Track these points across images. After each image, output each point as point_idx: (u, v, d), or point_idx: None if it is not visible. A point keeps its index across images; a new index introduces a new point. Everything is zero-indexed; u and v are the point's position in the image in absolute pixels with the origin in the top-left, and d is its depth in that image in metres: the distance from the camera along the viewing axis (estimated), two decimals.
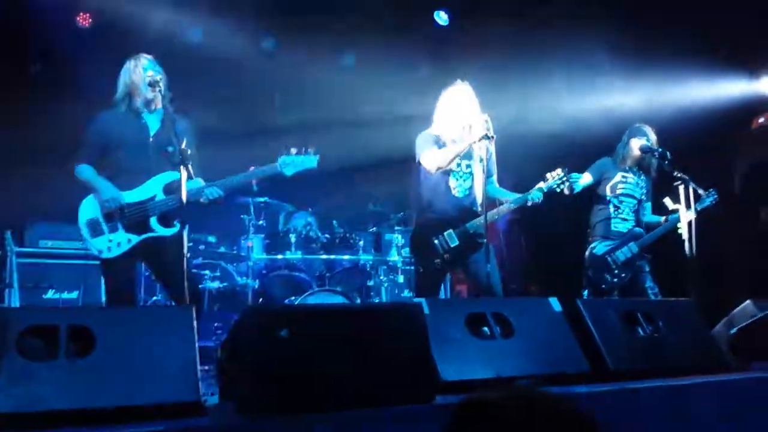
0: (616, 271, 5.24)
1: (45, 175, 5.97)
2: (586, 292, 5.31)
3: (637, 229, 5.34)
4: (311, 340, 2.49)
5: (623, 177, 5.41)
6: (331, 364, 2.50)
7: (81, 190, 4.19)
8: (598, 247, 5.33)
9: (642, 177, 5.46)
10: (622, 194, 5.39)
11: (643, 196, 5.44)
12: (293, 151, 4.21)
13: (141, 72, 4.11)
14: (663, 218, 5.43)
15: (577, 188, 5.15)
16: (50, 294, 5.70)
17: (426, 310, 2.90)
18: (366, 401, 2.48)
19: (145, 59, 4.17)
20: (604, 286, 5.24)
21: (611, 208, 5.38)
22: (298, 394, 2.42)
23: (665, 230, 5.30)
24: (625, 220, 5.37)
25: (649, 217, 5.48)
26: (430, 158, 4.57)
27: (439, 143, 4.62)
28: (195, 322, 2.68)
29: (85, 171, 4.11)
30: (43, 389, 2.31)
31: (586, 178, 5.33)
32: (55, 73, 7.14)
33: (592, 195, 5.47)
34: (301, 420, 2.36)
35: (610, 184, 5.39)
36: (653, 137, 5.42)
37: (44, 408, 2.28)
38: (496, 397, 1.16)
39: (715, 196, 5.30)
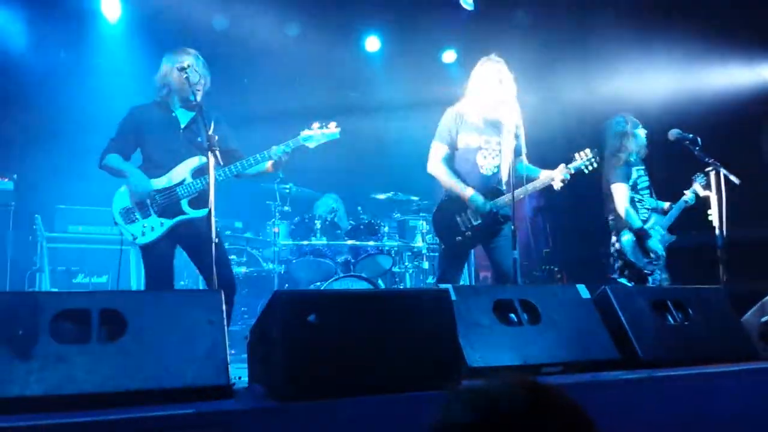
0: (653, 255, 5.34)
1: (74, 160, 6.05)
2: (622, 279, 5.34)
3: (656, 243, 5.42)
4: (340, 325, 2.49)
5: (637, 171, 5.51)
6: (359, 349, 2.50)
7: (110, 177, 4.26)
8: (632, 236, 5.37)
9: (644, 165, 5.56)
10: (641, 188, 5.50)
11: (650, 184, 5.56)
12: (315, 125, 4.27)
13: (183, 70, 4.05)
14: (666, 204, 5.57)
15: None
16: (80, 278, 5.79)
17: (453, 297, 2.90)
18: (392, 387, 2.48)
19: (189, 57, 4.14)
20: (646, 271, 5.33)
21: (636, 203, 5.46)
22: (326, 378, 2.43)
23: (679, 211, 5.47)
24: (648, 209, 5.48)
25: (652, 202, 5.56)
26: (431, 155, 4.67)
27: (462, 124, 4.61)
28: (224, 306, 2.70)
29: (113, 159, 4.19)
30: (75, 372, 2.34)
31: (621, 192, 5.38)
32: (82, 60, 7.20)
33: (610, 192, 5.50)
34: (328, 404, 2.37)
35: (631, 182, 5.45)
36: None
37: (76, 391, 2.30)
38: (481, 388, 1.13)
39: (705, 179, 5.29)
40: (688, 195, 5.51)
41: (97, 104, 6.33)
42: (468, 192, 4.52)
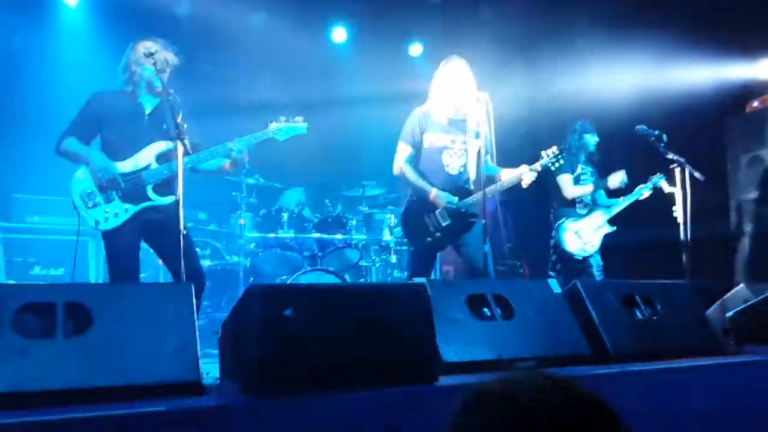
0: (585, 242, 5.80)
1: (31, 148, 5.86)
2: (552, 273, 5.80)
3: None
4: (316, 320, 2.44)
5: (583, 169, 5.99)
6: (335, 343, 2.45)
7: (69, 163, 4.11)
8: (567, 221, 5.84)
9: (592, 167, 6.05)
10: (583, 183, 5.97)
11: (596, 184, 6.01)
12: (282, 119, 4.29)
13: (147, 61, 3.97)
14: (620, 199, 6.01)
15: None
16: (37, 270, 5.61)
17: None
18: (369, 382, 2.44)
19: (154, 46, 4.02)
20: (578, 257, 5.77)
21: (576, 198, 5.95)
22: (302, 373, 2.37)
23: (626, 203, 5.85)
24: (587, 205, 5.96)
25: (604, 200, 6.04)
26: (397, 156, 4.68)
27: (428, 123, 4.60)
28: (194, 300, 2.63)
29: (72, 143, 4.03)
30: (40, 368, 2.25)
31: (566, 180, 5.91)
32: (40, 46, 6.98)
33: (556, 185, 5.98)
34: (304, 400, 2.32)
35: (574, 176, 5.95)
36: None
37: (41, 387, 2.21)
38: (508, 385, 1.08)
39: (662, 177, 5.63)
40: (645, 192, 5.78)
41: (56, 91, 6.14)
42: (433, 191, 4.51)
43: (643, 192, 5.77)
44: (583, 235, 5.77)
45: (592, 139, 6.00)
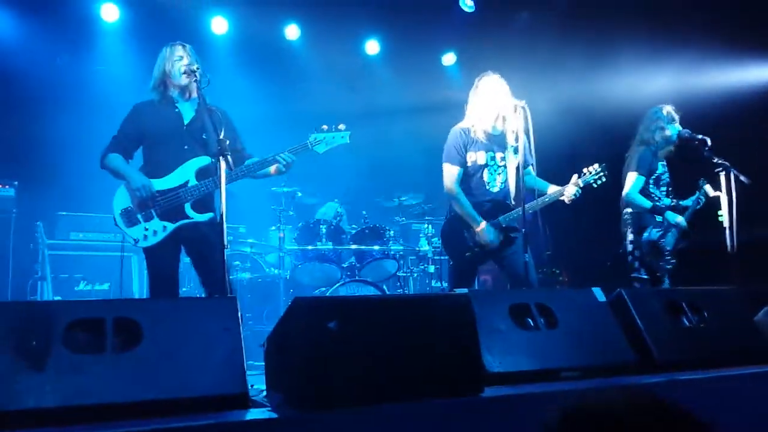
0: (667, 257, 5.24)
1: (75, 166, 6.00)
2: (637, 274, 5.26)
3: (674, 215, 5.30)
4: (361, 332, 2.44)
5: (663, 167, 5.39)
6: (380, 356, 2.45)
7: (111, 181, 4.20)
8: (652, 233, 5.27)
9: (665, 163, 5.43)
10: (663, 184, 5.38)
11: (670, 182, 5.43)
12: (324, 128, 4.22)
13: (176, 61, 4.10)
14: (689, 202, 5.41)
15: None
16: (82, 286, 5.72)
17: None
18: (414, 394, 2.43)
19: (181, 48, 4.15)
20: (659, 273, 5.25)
21: (655, 199, 5.33)
22: (347, 386, 2.38)
23: (692, 211, 5.30)
24: (668, 208, 5.32)
25: (665, 201, 5.44)
26: (446, 178, 4.60)
27: (469, 141, 4.58)
28: (239, 313, 2.66)
29: (115, 160, 4.13)
30: (91, 382, 2.28)
31: (632, 179, 5.24)
32: (82, 65, 7.15)
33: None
34: (349, 412, 2.32)
35: (655, 176, 5.33)
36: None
37: (92, 401, 2.25)
38: (605, 404, 1.08)
39: (703, 199, 5.29)
40: (704, 192, 5.30)
41: (99, 109, 6.27)
42: (481, 225, 4.50)
43: (701, 199, 5.30)
44: (666, 249, 5.23)
45: (676, 129, 5.27)
